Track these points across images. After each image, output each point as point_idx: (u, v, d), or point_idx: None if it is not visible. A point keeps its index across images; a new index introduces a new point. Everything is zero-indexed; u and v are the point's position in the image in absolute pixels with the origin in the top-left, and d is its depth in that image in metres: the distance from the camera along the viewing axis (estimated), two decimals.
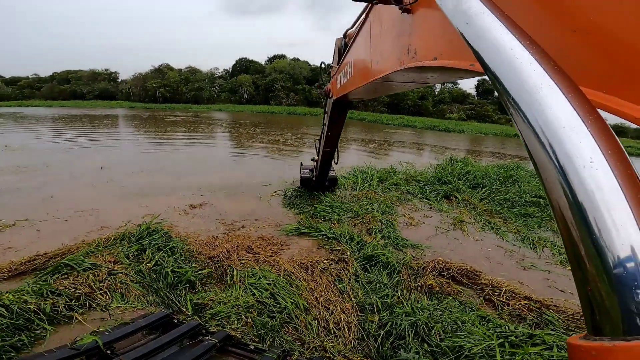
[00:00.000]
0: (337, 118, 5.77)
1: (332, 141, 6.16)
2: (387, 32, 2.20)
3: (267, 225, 5.80)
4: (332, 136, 6.07)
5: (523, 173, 10.48)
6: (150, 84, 63.71)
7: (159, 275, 3.82)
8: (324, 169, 6.99)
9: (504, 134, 36.94)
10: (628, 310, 0.41)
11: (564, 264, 4.99)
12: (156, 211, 5.86)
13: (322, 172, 7.10)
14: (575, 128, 0.51)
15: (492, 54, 0.67)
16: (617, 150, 0.48)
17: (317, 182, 7.39)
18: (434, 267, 4.34)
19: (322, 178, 7.30)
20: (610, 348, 0.41)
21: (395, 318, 3.27)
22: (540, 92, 0.56)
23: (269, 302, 3.41)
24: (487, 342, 2.86)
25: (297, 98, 63.40)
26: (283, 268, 4.11)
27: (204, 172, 9.58)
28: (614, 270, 0.42)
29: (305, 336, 3.11)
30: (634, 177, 0.46)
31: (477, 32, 0.73)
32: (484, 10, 0.75)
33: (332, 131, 5.98)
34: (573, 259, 0.48)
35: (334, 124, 5.84)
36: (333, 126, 5.88)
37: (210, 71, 75.93)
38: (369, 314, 3.47)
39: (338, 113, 5.69)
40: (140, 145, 14.66)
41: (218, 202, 6.85)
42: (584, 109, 0.53)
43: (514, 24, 0.71)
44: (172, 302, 3.47)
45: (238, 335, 2.94)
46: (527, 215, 6.97)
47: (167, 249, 4.30)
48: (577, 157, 0.48)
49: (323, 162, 6.70)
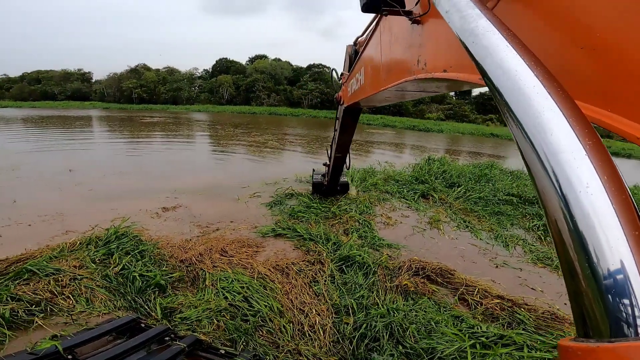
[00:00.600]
0: (348, 125, 5.75)
1: (344, 147, 6.16)
2: (398, 42, 2.22)
3: (243, 227, 5.68)
4: (344, 142, 6.06)
5: (497, 172, 10.76)
6: (125, 84, 61.95)
7: (126, 279, 3.68)
8: (335, 174, 6.99)
9: (480, 133, 37.98)
10: (614, 317, 0.46)
11: (534, 261, 5.12)
12: (126, 214, 5.65)
13: (334, 177, 7.07)
14: (574, 153, 0.54)
15: (497, 74, 0.69)
16: (613, 175, 0.52)
17: (329, 187, 7.33)
18: (409, 266, 4.35)
19: (334, 183, 7.28)
20: (595, 349, 0.45)
21: (370, 320, 3.25)
22: (542, 115, 0.58)
23: (242, 306, 3.33)
24: (459, 344, 2.87)
25: (278, 98, 63.07)
26: (257, 271, 4.02)
27: (181, 174, 9.35)
28: (604, 281, 0.47)
29: (280, 339, 3.04)
30: (627, 200, 0.50)
31: (483, 51, 0.74)
32: (491, 29, 0.76)
33: (344, 137, 5.97)
34: (567, 270, 0.52)
35: (345, 130, 5.81)
36: (344, 132, 5.86)
37: (190, 71, 74.59)
38: (344, 316, 3.43)
39: (349, 120, 5.65)
40: (114, 147, 14.17)
41: (193, 204, 6.67)
42: (584, 134, 0.56)
43: (521, 43, 0.71)
44: (140, 307, 3.35)
45: (209, 339, 2.86)
46: (500, 213, 7.14)
47: (136, 252, 4.14)
48: (574, 182, 0.52)
49: (335, 167, 6.70)
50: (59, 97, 63.31)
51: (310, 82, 65.25)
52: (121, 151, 13.24)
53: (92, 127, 23.43)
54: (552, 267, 4.91)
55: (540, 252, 5.39)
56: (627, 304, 0.45)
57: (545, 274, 4.74)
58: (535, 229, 6.33)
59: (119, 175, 8.77)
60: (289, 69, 71.63)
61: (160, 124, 26.03)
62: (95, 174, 8.78)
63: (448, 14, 0.94)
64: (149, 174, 9.04)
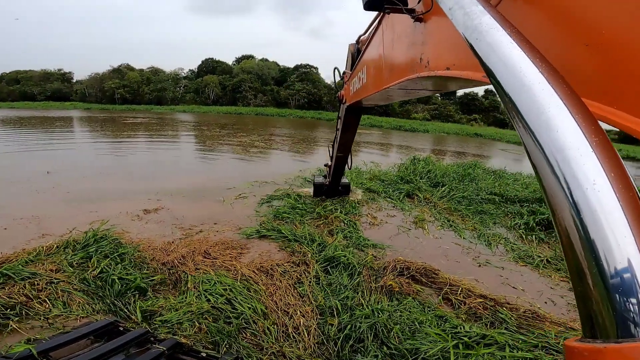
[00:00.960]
0: (350, 123, 5.69)
1: (346, 146, 6.07)
2: (400, 40, 2.19)
3: (227, 229, 5.61)
4: (346, 141, 5.98)
5: (480, 171, 10.93)
6: (108, 84, 60.54)
7: (105, 282, 3.59)
8: (337, 175, 6.83)
9: (465, 133, 38.62)
10: (621, 317, 0.45)
11: (516, 260, 5.21)
12: (106, 217, 5.51)
13: (336, 178, 6.93)
14: (580, 150, 0.53)
15: (501, 71, 0.68)
16: (620, 173, 0.51)
17: (330, 187, 7.17)
18: (394, 267, 4.37)
19: (335, 184, 7.11)
20: (602, 349, 0.44)
21: (355, 321, 3.24)
22: (548, 112, 0.57)
23: (225, 308, 3.28)
24: (443, 344, 2.89)
25: (265, 99, 62.74)
26: (241, 273, 3.97)
27: (164, 175, 9.19)
28: (611, 280, 0.46)
29: (264, 341, 3.01)
30: (635, 198, 0.49)
31: (487, 48, 0.73)
32: (495, 25, 0.74)
33: (346, 136, 5.89)
34: (574, 270, 0.51)
35: (347, 129, 5.74)
36: (346, 131, 5.79)
37: (175, 71, 73.41)
38: (328, 317, 3.41)
39: (352, 118, 5.60)
40: (96, 149, 13.82)
41: (176, 206, 6.55)
42: (590, 130, 0.55)
43: (525, 40, 0.70)
44: (120, 310, 3.28)
45: (190, 342, 2.82)
46: (483, 212, 7.26)
47: (116, 255, 4.05)
48: (581, 179, 0.51)
49: (336, 167, 6.58)
50: (38, 97, 61.40)
51: (297, 82, 65.15)
52: (103, 153, 12.92)
53: (73, 128, 22.82)
54: (533, 266, 5.01)
55: (521, 251, 5.49)
56: (634, 303, 0.44)
57: (527, 273, 4.83)
58: (517, 227, 6.46)
59: (99, 177, 8.55)
60: (276, 69, 71.33)
61: (144, 125, 25.54)
62: (74, 175, 8.54)
63: (451, 11, 0.93)
64: (131, 176, 8.85)
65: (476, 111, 65.86)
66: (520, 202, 7.77)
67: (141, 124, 26.00)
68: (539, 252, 5.47)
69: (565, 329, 3.31)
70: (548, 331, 3.21)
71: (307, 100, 62.54)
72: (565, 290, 4.38)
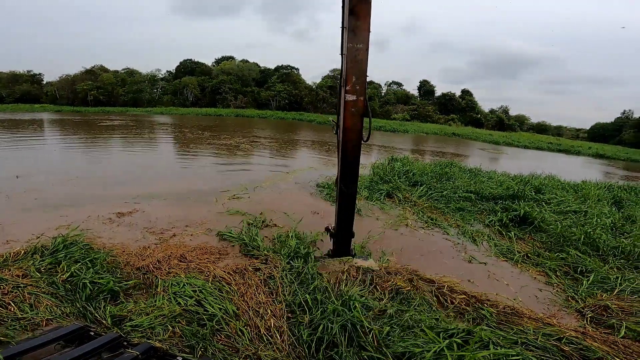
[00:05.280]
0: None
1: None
2: None
3: (200, 232, 5.52)
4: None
5: (457, 170, 11.20)
6: (80, 86, 58.47)
7: (75, 287, 3.48)
8: (345, 219, 4.39)
9: (443, 133, 39.55)
10: None
11: (497, 255, 5.40)
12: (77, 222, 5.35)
13: (344, 224, 4.42)
14: None
15: None
16: None
17: (339, 239, 4.50)
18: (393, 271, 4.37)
19: (347, 234, 4.48)
20: None
21: (325, 320, 3.11)
22: None
23: (197, 310, 3.23)
24: (437, 346, 2.76)
25: (245, 100, 62.17)
26: (213, 274, 3.91)
27: (141, 179, 8.95)
28: None
29: (239, 344, 2.96)
30: None
31: None
32: None
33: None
34: None
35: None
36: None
37: (151, 73, 71.64)
38: (299, 316, 3.33)
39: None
40: (69, 152, 13.32)
41: (152, 210, 6.38)
42: None
43: None
44: (90, 314, 3.19)
45: (166, 346, 2.76)
46: (461, 209, 7.48)
47: (87, 261, 3.90)
48: None
49: (342, 207, 4.35)
50: (6, 99, 58.66)
51: (278, 83, 64.92)
52: (77, 156, 12.47)
53: (44, 131, 21.89)
54: (513, 261, 5.20)
55: (503, 247, 5.69)
56: None
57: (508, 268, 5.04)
58: (492, 224, 6.70)
59: (72, 181, 8.24)
60: (257, 71, 70.80)
61: (120, 127, 24.81)
62: (45, 180, 8.20)
63: None
64: (106, 180, 8.58)
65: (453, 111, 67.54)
66: (495, 200, 8.05)
67: (118, 127, 25.24)
68: (518, 248, 5.68)
69: (543, 325, 3.32)
70: (527, 327, 3.23)
71: (288, 101, 62.42)
72: (543, 285, 4.61)
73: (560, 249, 5.57)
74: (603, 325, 3.65)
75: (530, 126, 79.80)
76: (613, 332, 3.46)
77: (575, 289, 4.46)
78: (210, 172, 10.53)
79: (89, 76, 62.22)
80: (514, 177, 10.74)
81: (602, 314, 3.83)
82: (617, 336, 3.26)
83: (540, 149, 33.38)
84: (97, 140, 17.60)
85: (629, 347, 3.00)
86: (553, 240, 5.94)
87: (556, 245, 5.76)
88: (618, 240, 5.81)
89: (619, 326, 3.51)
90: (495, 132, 51.54)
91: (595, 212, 7.23)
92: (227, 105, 59.44)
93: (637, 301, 4.00)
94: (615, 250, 5.46)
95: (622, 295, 4.20)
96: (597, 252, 5.47)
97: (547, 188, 9.24)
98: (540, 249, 5.68)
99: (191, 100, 62.47)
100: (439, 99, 70.43)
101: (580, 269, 4.93)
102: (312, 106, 62.84)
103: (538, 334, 3.08)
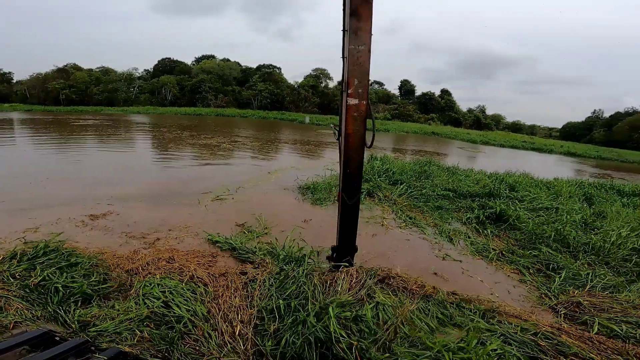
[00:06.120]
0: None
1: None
2: None
3: (185, 235, 5.40)
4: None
5: (435, 168, 11.40)
6: (52, 85, 56.16)
7: (48, 290, 3.36)
8: (348, 231, 4.04)
9: (423, 132, 40.28)
10: None
11: (473, 253, 5.51)
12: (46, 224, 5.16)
13: (346, 238, 4.06)
14: None
15: None
16: None
17: (339, 253, 4.12)
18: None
19: (349, 248, 4.11)
20: None
21: (293, 332, 2.87)
22: None
23: (165, 312, 3.12)
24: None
25: (226, 99, 61.30)
26: (190, 275, 3.80)
27: (115, 180, 8.62)
28: None
29: (205, 349, 2.85)
30: None
31: None
32: None
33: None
34: None
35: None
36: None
37: (128, 71, 69.61)
38: (266, 323, 3.10)
39: None
40: (38, 152, 12.72)
41: (127, 212, 6.18)
42: None
43: None
44: (61, 318, 3.08)
45: (136, 351, 2.68)
46: (440, 207, 7.62)
47: (65, 265, 3.75)
48: None
49: (345, 216, 3.99)
50: None
51: (259, 82, 64.37)
52: (48, 157, 11.93)
53: (14, 130, 20.88)
54: (488, 259, 5.32)
55: (479, 245, 5.79)
56: None
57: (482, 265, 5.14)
58: (469, 222, 6.86)
59: (42, 183, 7.86)
60: (238, 70, 69.97)
61: (94, 127, 23.95)
62: (13, 181, 7.82)
63: None
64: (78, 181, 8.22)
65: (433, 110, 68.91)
66: (472, 197, 8.26)
67: (92, 126, 24.36)
68: (493, 245, 5.80)
69: (522, 320, 3.34)
70: (509, 323, 3.25)
71: (269, 100, 61.97)
72: (517, 282, 4.70)
73: (533, 247, 5.71)
74: (576, 321, 3.67)
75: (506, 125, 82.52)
76: (586, 328, 3.47)
77: (548, 286, 4.55)
78: (189, 172, 10.32)
79: (62, 75, 59.94)
80: (490, 175, 11.06)
81: (575, 310, 3.87)
82: (591, 332, 3.29)
83: (515, 147, 34.48)
84: (70, 140, 16.93)
85: (604, 343, 3.02)
86: (526, 237, 6.07)
87: (529, 242, 5.90)
88: (588, 236, 5.98)
89: (592, 322, 3.53)
90: (473, 131, 52.92)
91: (566, 208, 7.49)
92: (207, 105, 58.46)
93: (608, 297, 4.06)
94: (586, 247, 5.61)
95: (594, 291, 4.29)
96: (568, 249, 5.62)
97: (522, 185, 9.52)
98: (514, 247, 5.83)
99: (170, 99, 61.07)
100: (419, 99, 71.69)
101: (552, 266, 5.05)
102: (293, 105, 62.66)
103: (517, 328, 3.12)
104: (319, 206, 7.39)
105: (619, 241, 5.71)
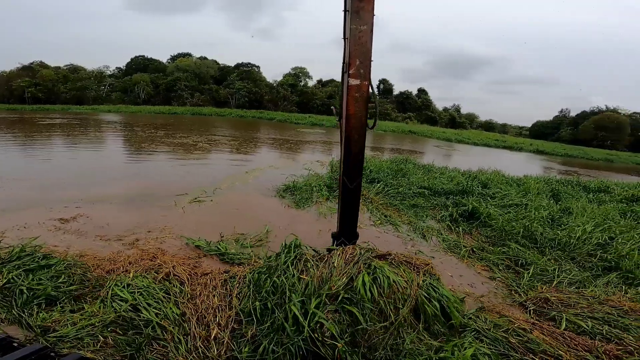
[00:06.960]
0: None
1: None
2: None
3: (166, 236, 5.26)
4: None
5: (411, 166, 11.61)
6: (16, 83, 53.22)
7: (13, 293, 3.21)
8: (349, 216, 4.01)
9: (401, 130, 40.98)
10: None
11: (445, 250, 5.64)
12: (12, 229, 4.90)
13: (347, 222, 4.06)
14: None
15: None
16: None
17: (340, 236, 4.10)
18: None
19: (351, 232, 4.09)
20: None
21: (268, 340, 2.76)
22: None
23: (133, 316, 3.00)
24: None
25: (203, 98, 60.03)
26: (165, 272, 3.64)
27: (83, 182, 8.21)
28: None
29: (172, 354, 2.72)
30: None
31: None
32: None
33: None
34: None
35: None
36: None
37: (98, 69, 66.93)
38: (244, 327, 2.98)
39: None
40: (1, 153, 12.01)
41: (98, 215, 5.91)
42: None
43: None
44: (25, 321, 2.95)
45: (99, 357, 2.59)
46: (415, 206, 7.76)
47: (36, 267, 3.59)
48: None
49: (346, 203, 3.99)
50: None
51: (237, 81, 63.42)
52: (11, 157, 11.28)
53: None
54: (459, 256, 5.43)
55: (451, 242, 5.92)
56: None
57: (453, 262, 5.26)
58: (443, 219, 7.02)
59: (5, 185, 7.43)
60: (215, 68, 68.63)
61: (62, 126, 22.86)
62: None
63: None
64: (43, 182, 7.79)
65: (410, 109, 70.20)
66: (447, 195, 8.47)
67: (60, 125, 23.25)
68: (465, 242, 5.92)
69: (498, 316, 3.43)
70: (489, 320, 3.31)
71: (247, 99, 61.19)
72: (487, 278, 4.81)
73: (502, 243, 5.85)
74: (545, 317, 3.67)
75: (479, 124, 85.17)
76: (555, 324, 3.48)
77: (518, 282, 4.65)
78: (164, 173, 10.01)
79: (27, 73, 56.92)
80: (464, 173, 11.36)
81: (543, 306, 3.89)
82: (560, 328, 3.32)
83: (488, 145, 35.62)
84: (35, 139, 16.07)
85: (574, 339, 3.04)
86: (496, 234, 6.23)
87: (499, 239, 6.05)
88: (555, 232, 6.18)
89: (560, 318, 3.54)
90: (448, 130, 54.31)
91: (534, 205, 7.77)
92: (183, 104, 57.06)
93: (574, 293, 4.13)
94: (552, 242, 5.79)
95: (561, 287, 4.40)
96: (535, 245, 5.79)
97: (493, 183, 9.81)
98: (485, 243, 5.98)
99: (143, 98, 59.12)
100: (397, 98, 72.82)
101: (521, 262, 5.19)
102: (272, 104, 62.12)
103: (491, 324, 3.16)
104: (300, 208, 7.33)
105: (584, 236, 5.86)
